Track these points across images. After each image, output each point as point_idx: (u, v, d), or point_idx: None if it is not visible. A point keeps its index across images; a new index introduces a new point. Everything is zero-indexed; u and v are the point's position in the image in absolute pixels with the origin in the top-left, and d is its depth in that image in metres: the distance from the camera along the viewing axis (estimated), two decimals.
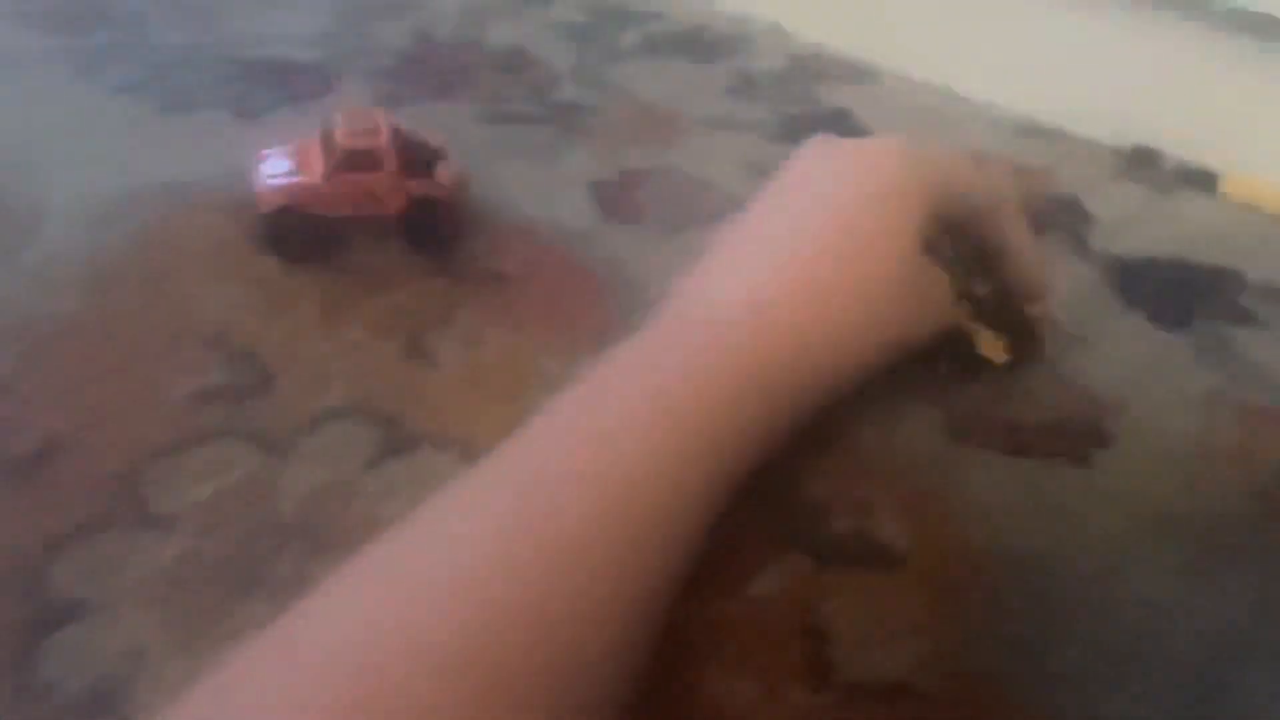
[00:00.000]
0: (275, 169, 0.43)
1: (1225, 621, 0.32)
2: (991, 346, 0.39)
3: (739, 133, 0.56)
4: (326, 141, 0.43)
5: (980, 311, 0.39)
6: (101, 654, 0.28)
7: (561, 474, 0.27)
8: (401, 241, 0.44)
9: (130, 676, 0.28)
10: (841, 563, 0.33)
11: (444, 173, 0.44)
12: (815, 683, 0.29)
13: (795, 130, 0.56)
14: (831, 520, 0.34)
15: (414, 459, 0.35)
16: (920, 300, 0.36)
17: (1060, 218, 0.51)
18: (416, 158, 0.44)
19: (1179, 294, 0.46)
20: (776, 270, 0.34)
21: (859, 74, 0.63)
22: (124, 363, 0.37)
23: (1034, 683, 0.30)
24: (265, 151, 0.44)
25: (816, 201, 0.36)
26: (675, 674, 0.29)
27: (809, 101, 0.60)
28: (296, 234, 0.43)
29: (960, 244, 0.38)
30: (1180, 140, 0.55)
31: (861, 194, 0.36)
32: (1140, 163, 0.56)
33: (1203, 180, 0.55)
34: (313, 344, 0.39)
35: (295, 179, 0.43)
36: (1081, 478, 0.37)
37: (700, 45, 0.65)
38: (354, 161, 0.42)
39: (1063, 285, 0.46)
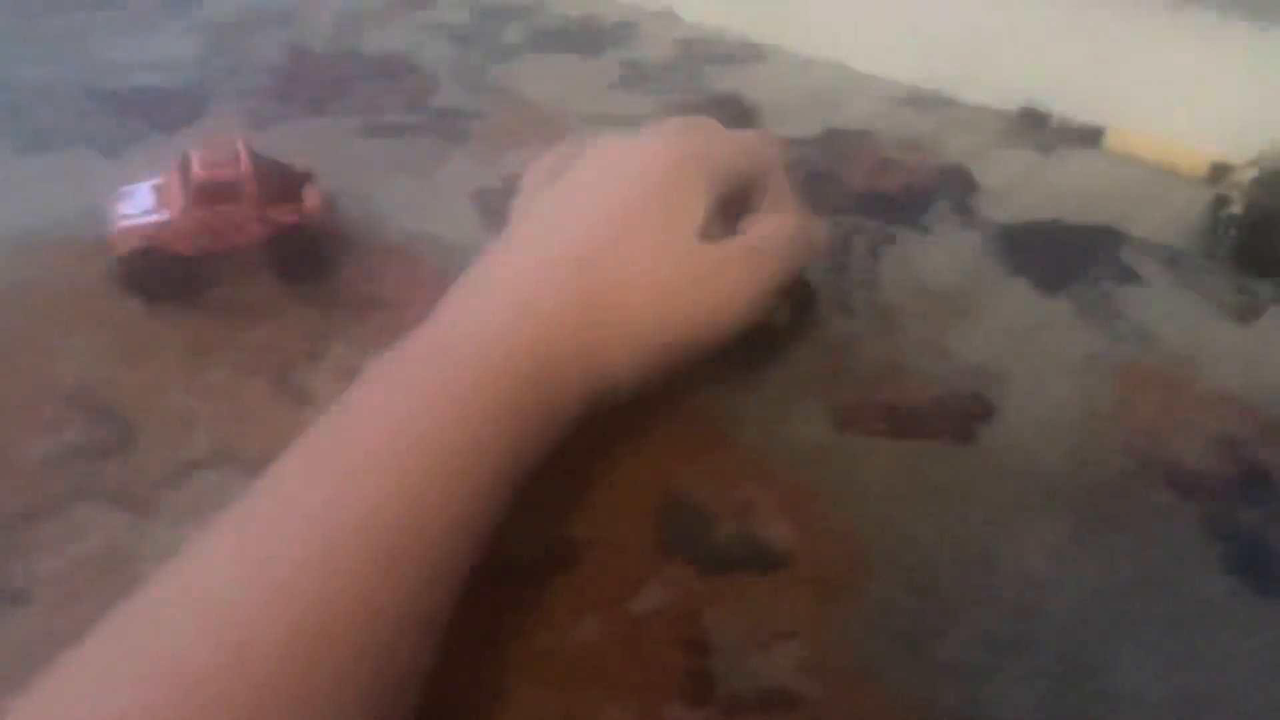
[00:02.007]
0: (132, 207, 0.42)
1: (1104, 594, 0.32)
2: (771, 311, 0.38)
3: (625, 127, 0.55)
4: (184, 174, 0.42)
5: None
6: None
7: (287, 522, 0.26)
8: (270, 273, 0.43)
9: None
10: (724, 569, 0.33)
11: (311, 197, 0.43)
12: (695, 698, 0.29)
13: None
14: (715, 525, 0.34)
15: None
16: (714, 293, 0.35)
17: (946, 187, 0.51)
18: (280, 184, 0.43)
19: (1061, 257, 0.46)
20: (540, 274, 0.33)
21: (749, 55, 0.62)
22: None
23: (914, 676, 0.30)
24: (124, 188, 0.43)
25: (590, 202, 0.35)
26: (552, 702, 0.29)
27: (696, 88, 0.59)
28: (157, 274, 0.41)
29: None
30: (1070, 98, 0.55)
31: (636, 191, 0.35)
32: (1028, 125, 0.56)
33: (1088, 137, 0.55)
34: (175, 391, 0.38)
35: (151, 217, 0.41)
36: (964, 456, 0.37)
37: (587, 37, 0.64)
38: (212, 193, 0.41)
39: (948, 258, 0.46)
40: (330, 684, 0.24)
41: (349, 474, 0.27)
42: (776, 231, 0.38)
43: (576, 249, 0.34)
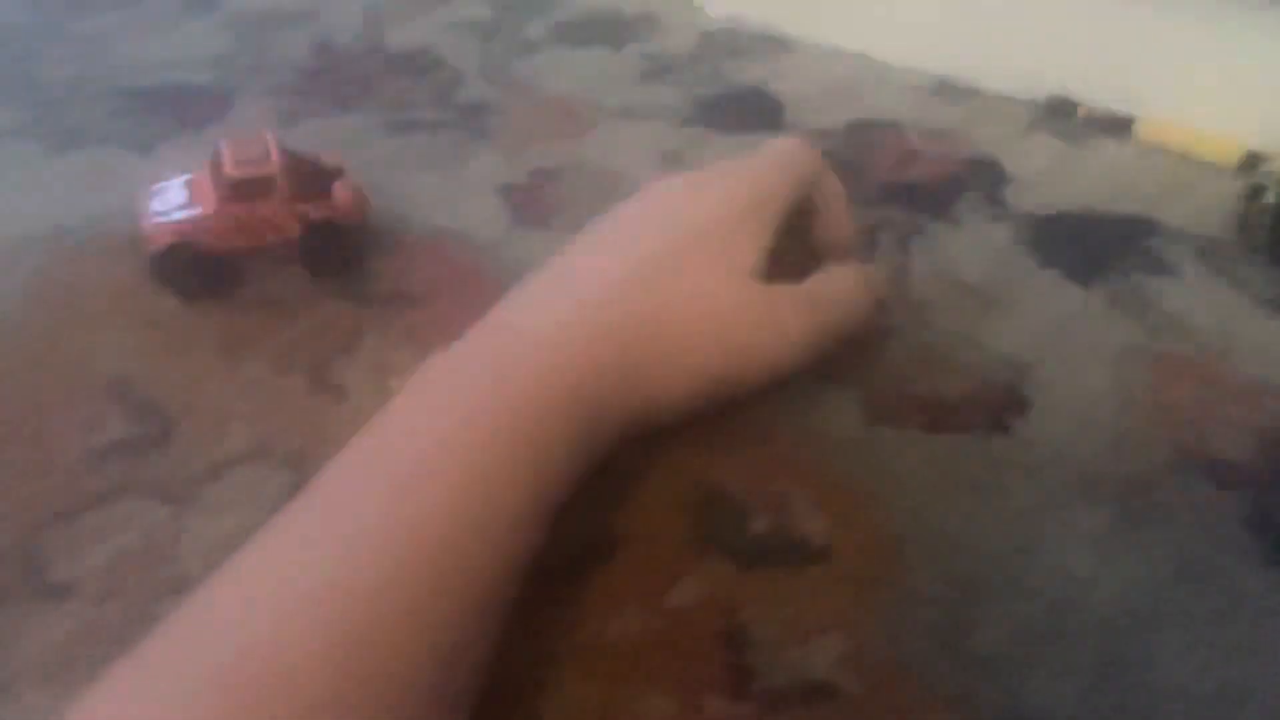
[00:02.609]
0: (165, 204, 0.42)
1: (1144, 586, 0.32)
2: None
3: (650, 120, 0.55)
4: (215, 171, 0.42)
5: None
6: None
7: (345, 531, 0.26)
8: (301, 269, 0.43)
9: None
10: (761, 563, 0.33)
11: (341, 193, 0.43)
12: (735, 691, 0.29)
13: (708, 112, 0.56)
14: (751, 519, 0.34)
15: None
16: (765, 334, 0.35)
17: (975, 178, 0.51)
18: (311, 180, 0.43)
19: (1093, 248, 0.46)
20: (593, 295, 0.33)
21: (772, 47, 0.62)
22: (18, 423, 0.36)
23: (954, 670, 0.30)
24: (157, 185, 0.43)
25: (647, 231, 0.35)
26: (591, 693, 0.29)
27: (721, 81, 0.59)
28: (191, 270, 0.42)
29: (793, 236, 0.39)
30: (1098, 88, 0.55)
31: (693, 226, 0.35)
32: (1055, 114, 0.56)
33: (1118, 127, 0.54)
34: (212, 386, 0.38)
35: (184, 213, 0.41)
36: (999, 449, 0.37)
37: (610, 30, 0.64)
38: (244, 190, 0.41)
39: (978, 249, 0.46)
40: (383, 702, 0.24)
41: (400, 485, 0.27)
42: (836, 284, 0.38)
43: (628, 273, 0.34)
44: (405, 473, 0.28)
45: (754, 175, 0.38)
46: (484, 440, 0.29)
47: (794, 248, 0.40)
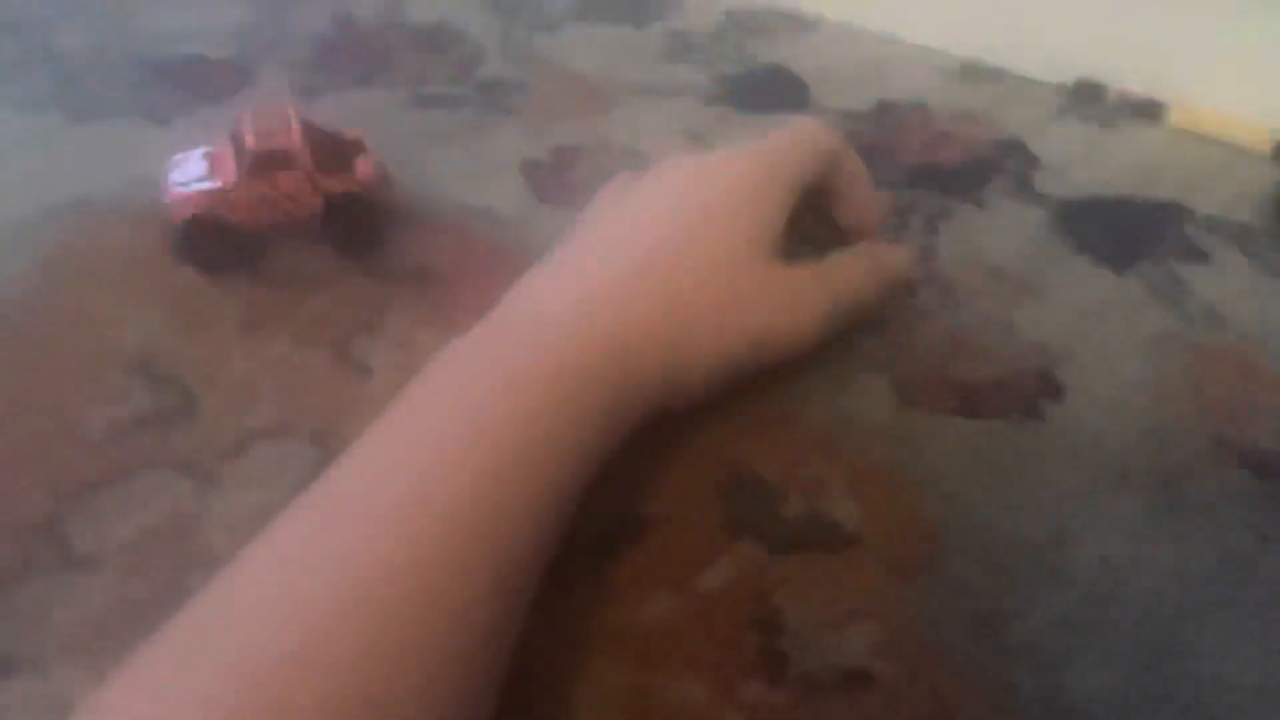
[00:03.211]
0: (186, 175, 0.42)
1: (1185, 576, 0.31)
2: None
3: (673, 98, 0.55)
4: (237, 144, 0.41)
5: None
6: (33, 712, 0.27)
7: (370, 515, 0.26)
8: (324, 244, 0.42)
9: None
10: (794, 547, 0.32)
11: (363, 167, 0.43)
12: (770, 677, 0.29)
13: (732, 91, 0.55)
14: (782, 503, 0.34)
15: None
16: (788, 311, 0.35)
17: (1005, 162, 0.50)
18: (333, 154, 0.42)
19: (1126, 233, 0.45)
20: (610, 275, 0.33)
21: (796, 26, 0.61)
22: (41, 396, 0.36)
23: (993, 658, 0.29)
24: (177, 156, 0.43)
25: (667, 209, 0.35)
26: (622, 678, 0.29)
27: (745, 59, 0.58)
28: (213, 243, 0.41)
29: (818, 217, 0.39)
30: (1127, 71, 0.54)
31: (713, 204, 0.35)
32: (1084, 98, 0.55)
33: (1150, 111, 0.53)
34: (236, 361, 0.38)
35: (206, 185, 0.41)
36: (1034, 435, 0.36)
37: (632, 7, 0.63)
38: (266, 164, 0.41)
39: (1009, 234, 0.45)
40: (407, 687, 0.23)
41: (424, 469, 0.27)
42: (852, 264, 0.38)
43: (646, 255, 0.33)
44: (428, 458, 0.27)
45: (769, 154, 0.37)
46: (509, 423, 0.28)
47: (819, 229, 0.39)
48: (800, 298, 0.35)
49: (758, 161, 0.37)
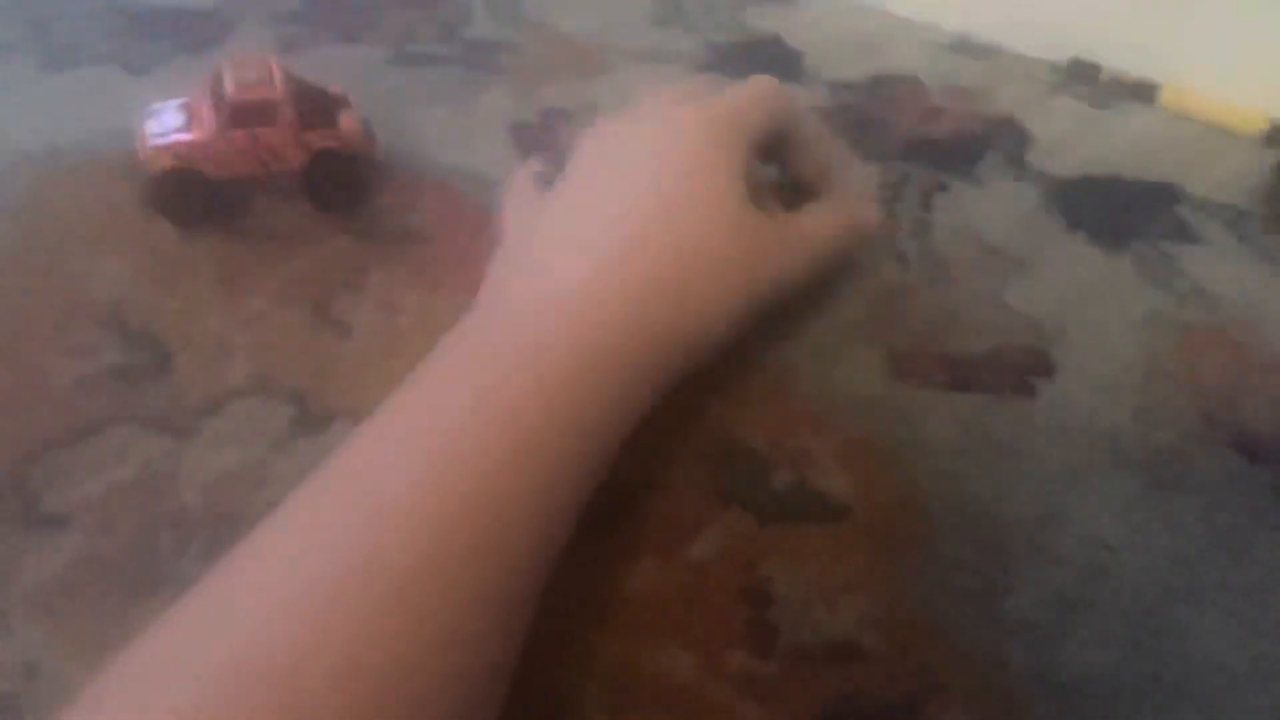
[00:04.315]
0: (163, 126, 0.40)
1: (1176, 557, 0.31)
2: None
3: (664, 65, 0.54)
4: (216, 94, 0.40)
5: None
6: None
7: (384, 508, 0.24)
8: (304, 200, 0.41)
9: (23, 693, 0.26)
10: (783, 518, 0.32)
11: (347, 123, 0.41)
12: (759, 648, 0.28)
13: (724, 59, 0.54)
14: (772, 474, 0.33)
15: (327, 437, 0.33)
16: (778, 248, 0.34)
17: (998, 138, 0.49)
18: (316, 108, 0.41)
19: (1119, 212, 0.45)
20: (602, 242, 0.32)
21: None
22: (8, 348, 0.35)
23: (985, 633, 0.29)
24: (154, 106, 0.41)
25: (633, 171, 0.34)
26: (609, 647, 0.28)
27: (737, 28, 0.57)
28: (189, 196, 0.40)
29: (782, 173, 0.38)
30: (1122, 52, 0.54)
31: (678, 158, 0.34)
32: (1078, 77, 0.54)
33: (1142, 92, 0.53)
34: (212, 317, 0.36)
35: (184, 136, 0.39)
36: (1026, 411, 0.36)
37: None
38: (247, 115, 0.39)
39: (1002, 210, 0.45)
40: (422, 671, 0.22)
41: (436, 457, 0.25)
42: (826, 213, 0.37)
43: (633, 222, 0.32)
44: (438, 446, 0.26)
45: (732, 107, 0.36)
46: (528, 406, 0.27)
47: (784, 185, 0.39)
48: (787, 239, 0.35)
49: (725, 114, 0.35)
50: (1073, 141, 0.50)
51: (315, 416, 0.33)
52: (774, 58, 0.55)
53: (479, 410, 0.26)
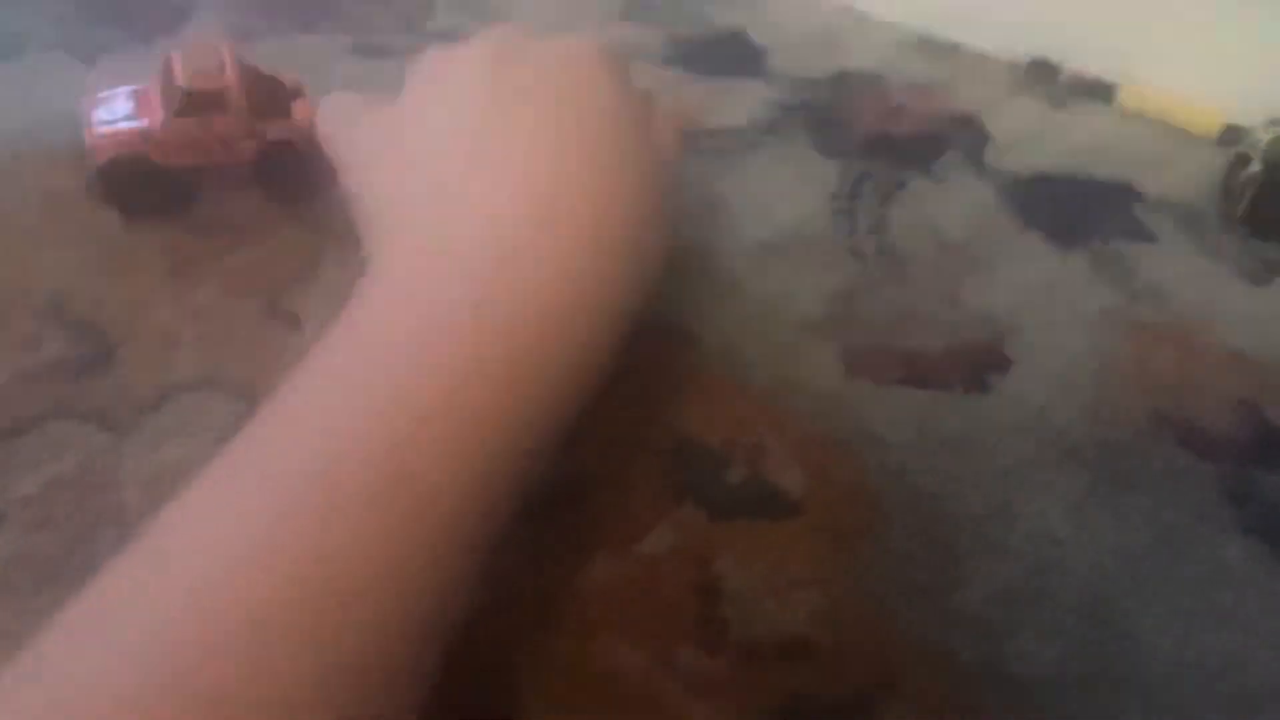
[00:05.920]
0: (111, 114, 0.39)
1: (1124, 552, 0.31)
2: None
3: (628, 58, 0.53)
4: (166, 83, 0.39)
5: None
6: None
7: (312, 466, 0.24)
8: (256, 190, 0.40)
9: None
10: (736, 514, 0.32)
11: (302, 112, 0.41)
12: (709, 644, 0.28)
13: (688, 54, 0.54)
14: (725, 469, 0.33)
15: None
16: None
17: (958, 136, 0.50)
18: (270, 97, 0.40)
19: (1074, 211, 0.45)
20: (508, 192, 0.29)
21: None
22: None
23: (934, 628, 0.29)
24: (102, 94, 0.40)
25: (476, 115, 0.32)
26: (562, 644, 0.28)
27: (701, 23, 0.57)
28: (138, 186, 0.39)
29: None
30: (1081, 52, 0.54)
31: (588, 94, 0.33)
32: (1037, 77, 0.55)
33: (1100, 92, 0.53)
34: (159, 309, 0.36)
35: (132, 124, 0.39)
36: (979, 407, 0.36)
37: None
38: (198, 104, 0.39)
39: (960, 207, 0.45)
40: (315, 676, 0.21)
41: (372, 408, 0.24)
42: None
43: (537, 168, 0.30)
44: (380, 397, 0.25)
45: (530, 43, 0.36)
46: (459, 365, 0.25)
47: None
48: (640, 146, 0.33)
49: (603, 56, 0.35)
50: (1031, 140, 0.50)
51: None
52: (737, 53, 0.55)
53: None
